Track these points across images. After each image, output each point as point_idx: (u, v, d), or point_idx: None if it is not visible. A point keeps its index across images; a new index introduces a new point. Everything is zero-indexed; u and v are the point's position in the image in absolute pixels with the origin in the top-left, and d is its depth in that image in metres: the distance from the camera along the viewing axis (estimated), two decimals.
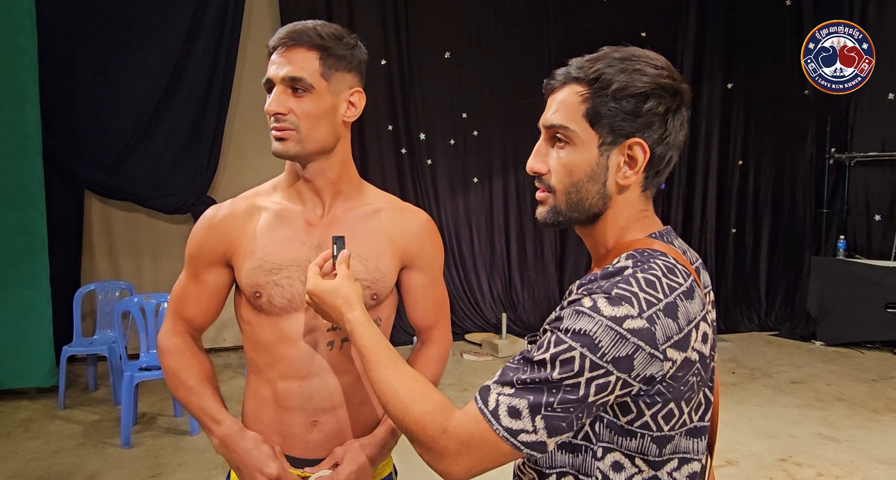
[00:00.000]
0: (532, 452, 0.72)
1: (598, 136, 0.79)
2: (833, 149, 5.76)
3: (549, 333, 0.74)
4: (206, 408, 1.12)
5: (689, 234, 6.20)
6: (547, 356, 0.71)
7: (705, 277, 0.86)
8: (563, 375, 0.70)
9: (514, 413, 0.71)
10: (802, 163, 6.07)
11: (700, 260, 0.87)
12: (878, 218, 5.67)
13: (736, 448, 3.26)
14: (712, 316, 0.81)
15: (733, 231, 6.25)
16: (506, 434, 0.71)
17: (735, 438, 3.39)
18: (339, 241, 1.02)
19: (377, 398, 0.84)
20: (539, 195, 0.84)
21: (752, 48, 6.03)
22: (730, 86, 6.09)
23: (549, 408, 0.70)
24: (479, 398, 0.75)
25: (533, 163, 0.83)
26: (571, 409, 0.71)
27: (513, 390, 0.72)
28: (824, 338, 5.41)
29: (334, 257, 1.01)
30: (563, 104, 0.80)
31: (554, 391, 0.70)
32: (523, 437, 0.71)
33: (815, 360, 4.98)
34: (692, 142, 6.15)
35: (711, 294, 0.86)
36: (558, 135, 0.80)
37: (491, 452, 0.73)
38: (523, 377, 0.72)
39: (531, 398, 0.71)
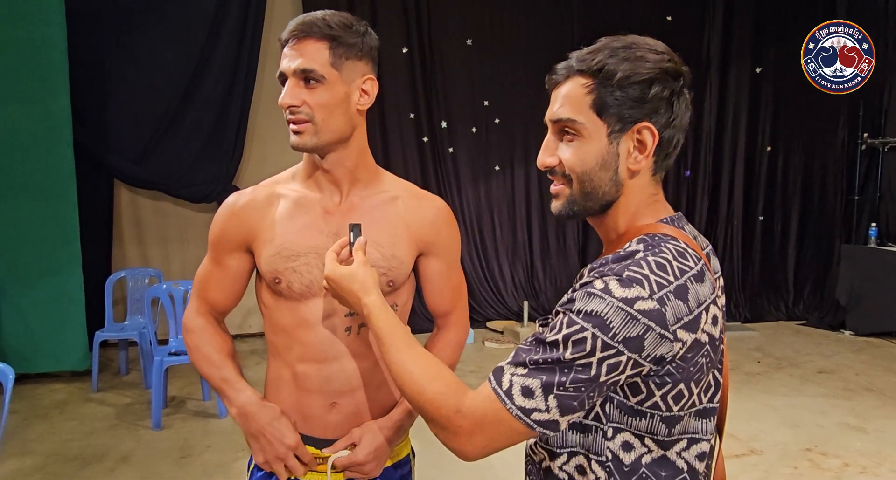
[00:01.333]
0: (545, 430, 0.74)
1: (606, 126, 0.79)
2: (865, 135, 5.61)
3: (561, 315, 0.75)
4: (228, 379, 1.15)
5: (715, 222, 6.12)
6: (559, 337, 0.73)
7: (715, 263, 0.87)
8: (576, 355, 0.71)
9: (528, 392, 0.73)
10: (833, 149, 5.92)
11: (710, 246, 0.88)
12: None
13: (760, 437, 3.23)
14: (722, 300, 0.82)
15: (761, 218, 6.13)
16: (519, 413, 0.73)
17: (760, 427, 3.36)
18: (355, 229, 1.04)
19: (393, 379, 0.86)
20: (554, 188, 0.85)
21: (782, 31, 5.88)
22: (758, 70, 5.94)
23: (561, 388, 0.72)
24: (492, 378, 0.76)
25: (543, 158, 0.84)
26: (583, 389, 0.72)
27: (526, 370, 0.74)
28: (854, 328, 5.30)
29: (351, 244, 1.03)
30: (569, 97, 0.81)
31: (566, 371, 0.72)
32: (536, 416, 0.73)
33: (844, 350, 4.89)
34: (719, 128, 6.04)
35: (721, 279, 0.86)
36: (566, 128, 0.81)
37: (504, 431, 0.74)
38: (536, 357, 0.74)
39: (544, 378, 0.72)
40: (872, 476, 2.83)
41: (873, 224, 5.52)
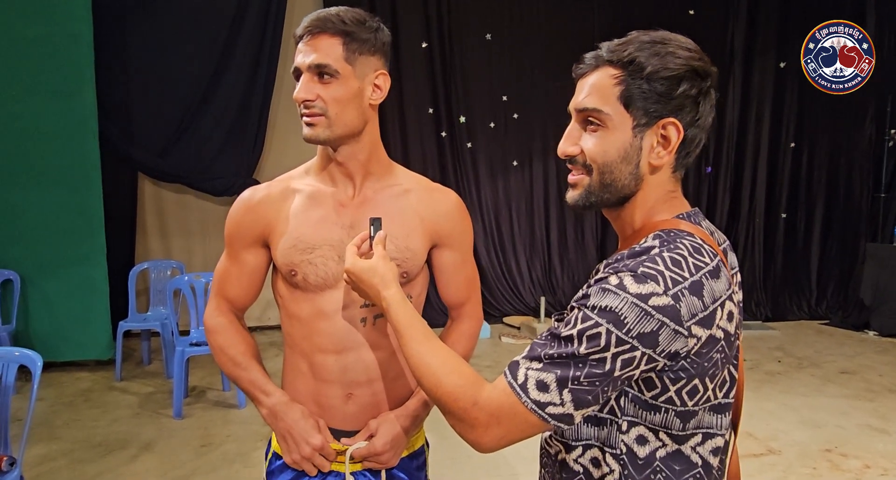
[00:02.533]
0: (559, 424, 0.75)
1: (632, 118, 0.79)
2: (893, 131, 5.49)
3: (576, 310, 0.76)
4: (256, 381, 1.18)
5: (736, 219, 6.04)
6: (574, 332, 0.73)
7: (732, 259, 0.86)
8: (590, 350, 0.72)
9: (542, 386, 0.74)
10: (860, 145, 5.81)
11: (728, 242, 0.87)
12: None
13: (779, 437, 3.20)
14: (739, 296, 0.81)
15: (784, 216, 6.04)
16: (534, 406, 0.74)
17: (779, 427, 3.33)
18: (376, 223, 1.05)
19: (412, 372, 0.88)
20: (572, 177, 0.85)
21: (806, 25, 5.76)
22: (783, 65, 5.84)
23: (575, 382, 0.73)
24: (508, 372, 0.77)
25: (565, 147, 0.84)
26: (597, 383, 0.73)
27: (541, 364, 0.75)
28: (878, 328, 5.21)
29: (371, 238, 1.05)
30: (596, 87, 0.81)
31: (580, 365, 0.72)
32: (551, 409, 0.74)
33: (867, 350, 4.81)
34: (741, 124, 5.95)
35: (738, 275, 0.86)
36: (591, 117, 0.81)
37: (520, 423, 0.75)
38: (551, 352, 0.74)
39: (558, 372, 0.73)
40: (894, 478, 2.78)
41: None
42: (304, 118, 1.09)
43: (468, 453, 0.74)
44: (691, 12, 5.68)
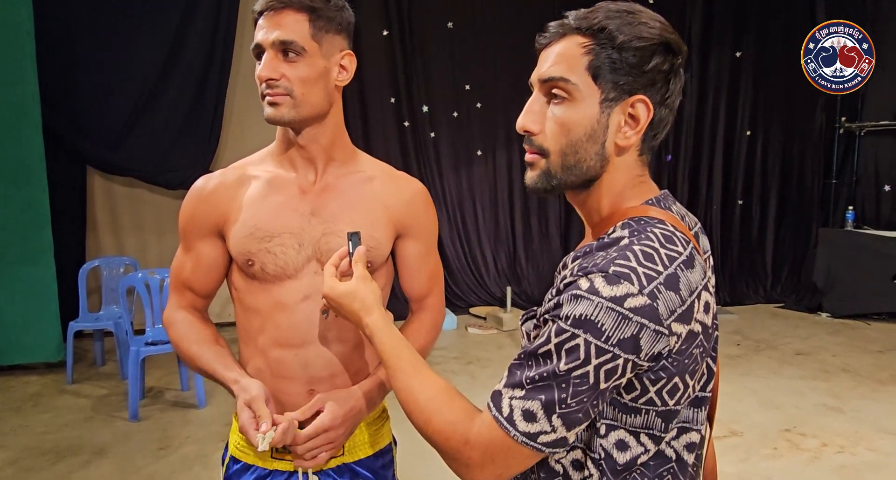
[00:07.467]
0: (555, 450, 0.70)
1: (600, 91, 0.74)
2: (843, 119, 5.67)
3: (549, 323, 0.70)
4: (216, 370, 1.10)
5: (694, 206, 6.15)
6: (551, 346, 0.68)
7: (704, 242, 0.82)
8: (570, 365, 0.67)
9: (530, 416, 0.69)
10: (812, 133, 5.97)
11: (699, 225, 0.83)
12: (887, 188, 5.61)
13: (740, 419, 3.27)
14: (713, 281, 0.78)
15: (740, 202, 6.18)
16: (525, 439, 0.69)
17: (739, 409, 3.40)
18: (354, 237, 0.98)
19: (400, 405, 0.83)
20: (529, 157, 0.79)
21: (762, 16, 5.89)
22: (738, 54, 5.95)
23: (563, 405, 0.68)
24: (492, 404, 0.71)
25: (525, 121, 0.77)
26: (585, 400, 0.68)
27: (523, 391, 0.69)
28: (831, 310, 5.39)
29: (350, 254, 0.98)
30: (563, 56, 0.75)
31: (564, 386, 0.67)
32: (543, 438, 0.69)
33: (820, 332, 4.97)
34: (699, 112, 6.06)
35: (711, 259, 0.82)
36: (556, 88, 0.75)
37: (515, 457, 0.71)
38: (531, 374, 0.69)
39: (543, 397, 0.68)
40: (850, 456, 2.88)
41: (850, 207, 5.60)
42: (267, 98, 1.03)
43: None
44: (651, 1, 5.72)
